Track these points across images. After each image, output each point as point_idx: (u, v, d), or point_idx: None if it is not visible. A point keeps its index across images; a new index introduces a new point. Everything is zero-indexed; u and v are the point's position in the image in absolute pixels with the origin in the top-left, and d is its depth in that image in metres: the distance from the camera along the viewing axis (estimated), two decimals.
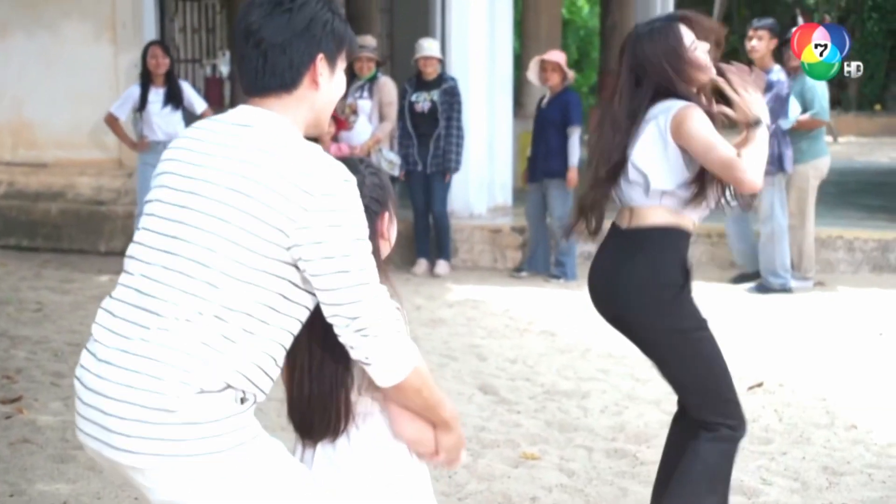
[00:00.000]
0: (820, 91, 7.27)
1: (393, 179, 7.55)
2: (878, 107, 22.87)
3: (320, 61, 2.06)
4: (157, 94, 7.76)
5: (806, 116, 7.23)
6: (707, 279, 7.46)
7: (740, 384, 5.13)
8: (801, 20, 20.80)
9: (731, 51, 25.56)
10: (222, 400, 1.94)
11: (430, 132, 8.02)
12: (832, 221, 8.79)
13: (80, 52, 9.08)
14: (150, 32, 9.06)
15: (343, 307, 1.95)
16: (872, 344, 6.05)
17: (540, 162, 7.85)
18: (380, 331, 1.95)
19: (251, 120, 2.04)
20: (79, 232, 9.04)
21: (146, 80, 7.83)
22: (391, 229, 2.21)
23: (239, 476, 1.96)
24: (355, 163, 2.18)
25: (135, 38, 8.87)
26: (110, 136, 9.02)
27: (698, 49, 2.97)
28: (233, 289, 1.93)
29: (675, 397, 5.11)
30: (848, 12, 23.53)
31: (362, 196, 2.07)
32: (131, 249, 2.08)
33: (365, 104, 7.89)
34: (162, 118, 7.73)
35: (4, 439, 4.25)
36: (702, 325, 3.04)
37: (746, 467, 4.07)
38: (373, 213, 2.13)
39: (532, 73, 7.94)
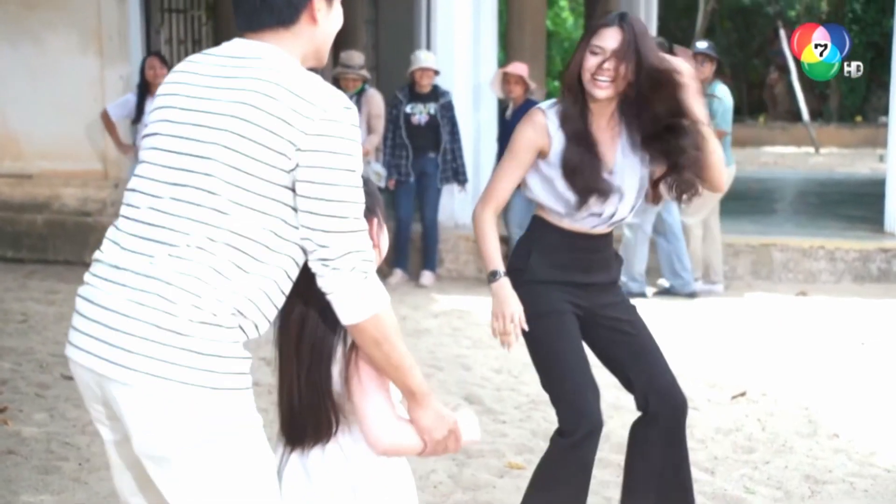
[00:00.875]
0: (725, 102, 7.45)
1: (379, 190, 7.56)
2: (858, 118, 23.03)
3: None
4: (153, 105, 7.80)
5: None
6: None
7: (722, 393, 5.20)
8: (782, 32, 20.99)
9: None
10: (230, 336, 1.96)
11: (427, 144, 8.09)
12: (814, 231, 8.86)
13: (65, 63, 9.07)
14: (137, 44, 9.07)
15: (315, 233, 1.97)
16: (854, 353, 6.10)
17: None
18: (344, 265, 1.97)
19: (248, 52, 2.06)
20: (64, 243, 9.02)
21: (143, 91, 7.91)
22: (381, 236, 2.22)
23: (218, 433, 1.95)
24: None
25: (121, 50, 8.88)
26: (96, 148, 9.03)
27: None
28: (241, 215, 1.96)
29: None
30: (829, 23, 23.71)
31: None
32: (134, 183, 2.09)
33: None
34: None
35: None
36: (541, 313, 3.03)
37: (730, 476, 4.10)
38: None
39: (495, 86, 8.00)
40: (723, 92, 7.47)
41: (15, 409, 4.79)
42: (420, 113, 8.08)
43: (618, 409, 4.92)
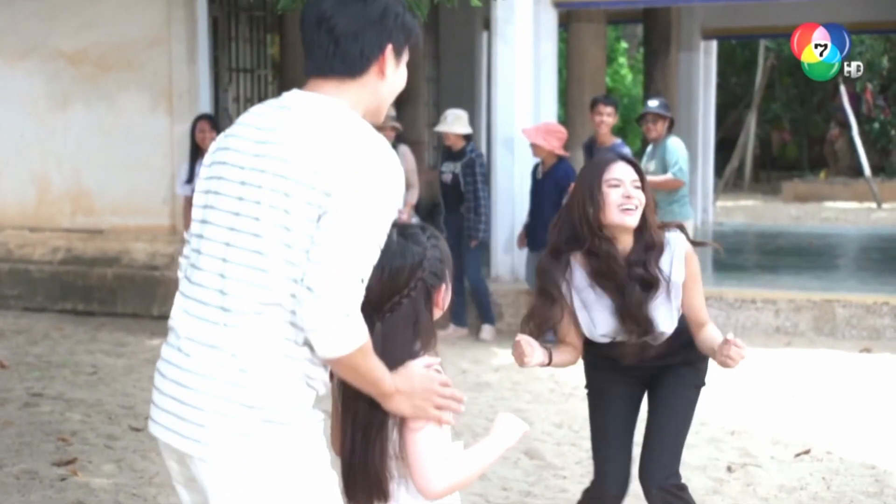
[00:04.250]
0: (680, 153, 7.59)
1: None
2: None
3: (389, 52, 2.11)
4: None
5: (666, 177, 7.52)
6: (752, 344, 7.44)
7: (786, 451, 5.14)
8: (843, 88, 20.85)
9: (774, 118, 25.61)
10: (302, 399, 2.02)
11: (454, 202, 8.24)
12: (877, 287, 8.73)
13: (136, 122, 9.36)
14: (206, 103, 9.32)
15: (310, 265, 1.95)
16: None
17: (539, 232, 7.93)
18: (325, 298, 1.92)
19: (293, 103, 2.09)
20: (133, 296, 9.23)
21: (194, 153, 8.08)
22: (446, 298, 2.25)
23: (294, 492, 2.00)
24: (418, 233, 2.22)
25: (190, 109, 9.14)
26: (164, 203, 9.27)
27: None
28: (288, 274, 1.98)
29: (721, 463, 5.10)
30: (890, 80, 23.49)
31: (423, 269, 2.15)
32: (194, 243, 2.12)
33: None
34: None
35: (59, 501, 4.31)
36: (590, 390, 3.43)
37: None
38: (430, 287, 2.18)
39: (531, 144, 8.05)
40: (676, 144, 7.67)
41: (84, 461, 4.87)
42: (448, 172, 8.26)
43: None
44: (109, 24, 9.40)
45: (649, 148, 7.93)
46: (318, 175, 1.97)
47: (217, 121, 8.68)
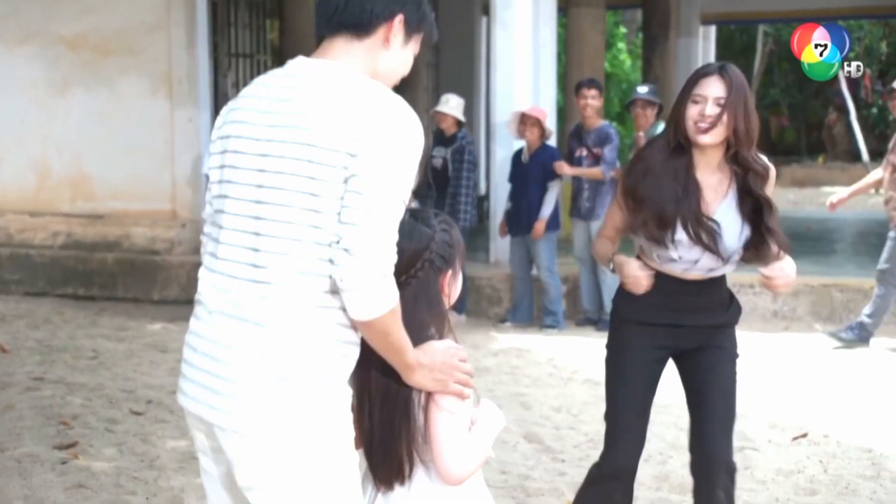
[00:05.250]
0: None
1: None
2: None
3: (399, 21, 2.12)
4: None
5: None
6: (750, 329, 7.47)
7: (784, 434, 5.18)
8: (840, 73, 20.84)
9: (773, 103, 25.61)
10: (338, 372, 2.03)
11: (443, 187, 8.25)
12: (875, 273, 8.75)
13: (136, 107, 9.38)
14: (205, 88, 9.34)
15: (345, 226, 1.96)
16: None
17: (523, 216, 7.95)
18: (364, 258, 1.94)
19: (302, 70, 2.10)
20: (133, 281, 9.25)
21: None
22: (453, 286, 2.25)
23: (319, 478, 2.03)
24: (430, 217, 2.24)
25: (190, 94, 9.15)
26: (164, 188, 9.29)
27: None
28: (318, 240, 1.99)
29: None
30: (888, 65, 23.48)
31: (430, 251, 2.16)
32: (216, 218, 2.13)
33: None
34: None
35: (60, 485, 4.32)
36: (616, 352, 3.25)
37: None
38: (436, 269, 2.19)
39: (511, 127, 8.08)
40: None
41: (85, 444, 4.89)
42: (439, 156, 8.26)
43: (677, 448, 4.93)
44: (109, 9, 9.40)
45: (640, 134, 7.95)
46: (341, 138, 1.98)
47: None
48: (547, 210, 7.89)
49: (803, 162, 23.43)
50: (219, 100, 9.76)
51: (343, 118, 1.99)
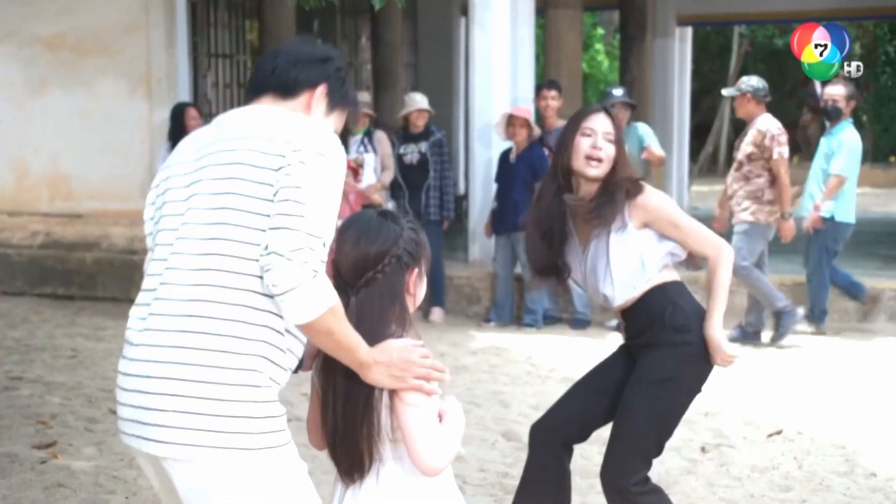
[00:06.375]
0: (653, 134, 8.32)
1: None
2: (892, 158, 22.97)
3: (321, 91, 2.24)
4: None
5: (660, 153, 8.27)
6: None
7: (758, 431, 5.24)
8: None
9: None
10: (264, 394, 2.06)
11: (419, 183, 8.28)
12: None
13: (114, 107, 9.34)
14: (184, 88, 9.32)
15: (273, 231, 2.01)
16: (891, 392, 6.10)
17: (509, 215, 8.00)
18: (296, 258, 1.97)
19: (226, 116, 2.25)
20: (112, 280, 9.23)
21: (176, 141, 8.07)
22: (419, 286, 2.27)
23: (260, 488, 2.05)
24: (399, 217, 2.27)
25: (168, 94, 9.13)
26: (143, 188, 9.24)
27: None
28: (250, 255, 2.06)
29: (695, 444, 5.17)
30: (862, 66, 23.71)
31: (398, 247, 2.19)
32: (158, 252, 2.19)
33: (370, 158, 8.12)
34: None
35: (39, 484, 4.30)
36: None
37: None
38: (404, 265, 2.21)
39: (499, 128, 8.14)
40: (646, 128, 8.31)
41: (64, 443, 4.87)
42: (412, 153, 8.29)
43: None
44: (87, 9, 9.36)
45: None
46: (264, 155, 2.07)
47: (200, 107, 8.70)
48: None
49: None
50: (198, 100, 9.75)
51: (264, 139, 2.10)
